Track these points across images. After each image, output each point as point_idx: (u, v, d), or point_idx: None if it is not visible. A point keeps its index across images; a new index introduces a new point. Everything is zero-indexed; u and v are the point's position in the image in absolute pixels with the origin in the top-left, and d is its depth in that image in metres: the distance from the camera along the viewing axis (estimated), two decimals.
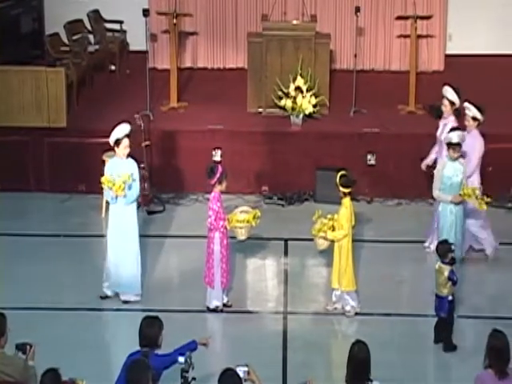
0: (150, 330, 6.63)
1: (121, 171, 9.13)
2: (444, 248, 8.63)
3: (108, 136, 9.39)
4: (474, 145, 9.96)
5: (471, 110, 9.99)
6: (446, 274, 8.54)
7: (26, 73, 11.89)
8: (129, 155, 9.32)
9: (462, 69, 14.29)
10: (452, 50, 14.73)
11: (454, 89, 10.24)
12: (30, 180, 12.00)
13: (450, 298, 8.61)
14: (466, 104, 10.08)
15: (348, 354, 6.38)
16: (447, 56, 14.58)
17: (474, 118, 10.03)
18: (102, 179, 9.07)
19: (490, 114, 12.31)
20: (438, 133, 10.34)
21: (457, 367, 8.48)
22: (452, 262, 8.57)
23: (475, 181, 9.88)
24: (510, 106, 12.74)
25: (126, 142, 9.21)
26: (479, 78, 14.01)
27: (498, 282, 9.96)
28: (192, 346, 6.83)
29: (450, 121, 10.24)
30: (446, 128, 10.13)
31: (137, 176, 9.26)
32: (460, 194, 9.30)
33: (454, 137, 9.33)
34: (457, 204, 9.34)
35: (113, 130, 9.26)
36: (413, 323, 9.21)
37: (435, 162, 10.24)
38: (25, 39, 13.95)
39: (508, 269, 10.15)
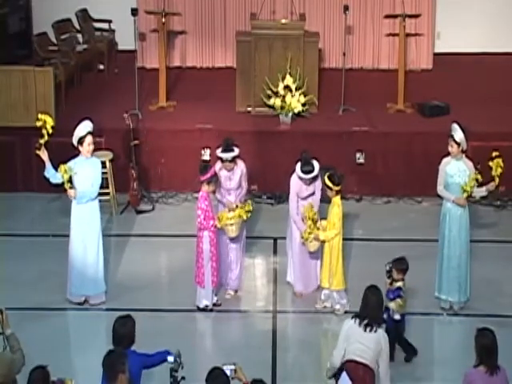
0: (125, 329, 6.61)
1: (84, 171, 9.10)
2: (406, 264, 8.38)
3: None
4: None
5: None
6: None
7: (14, 72, 11.86)
8: (94, 152, 9.30)
9: (450, 67, 14.35)
10: (440, 48, 14.79)
11: (228, 144, 9.51)
12: (18, 180, 11.98)
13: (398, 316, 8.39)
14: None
15: (363, 297, 7.00)
16: (436, 54, 14.62)
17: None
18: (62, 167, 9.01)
19: (479, 112, 12.41)
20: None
21: (447, 366, 8.48)
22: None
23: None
24: (498, 105, 12.78)
25: (89, 139, 9.14)
26: (468, 77, 14.07)
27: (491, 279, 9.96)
28: (164, 356, 6.68)
29: (238, 167, 9.57)
30: (233, 177, 9.52)
31: (99, 175, 9.22)
32: None
33: (457, 132, 8.97)
34: (460, 205, 9.07)
35: (75, 129, 9.22)
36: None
37: None
38: (12, 39, 13.91)
39: (494, 266, 10.19)
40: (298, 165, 9.29)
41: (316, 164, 9.30)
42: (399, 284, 8.40)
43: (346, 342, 6.85)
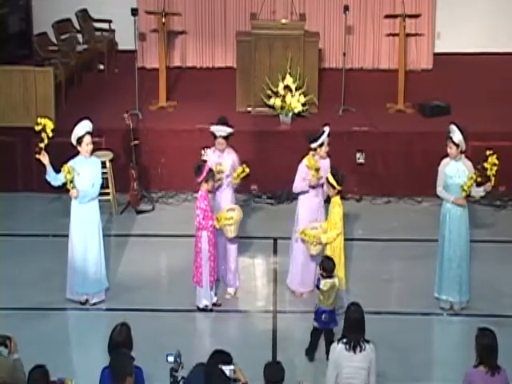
0: (120, 337, 6.58)
1: (85, 170, 9.09)
2: (333, 264, 8.37)
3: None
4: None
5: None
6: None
7: (14, 73, 11.85)
8: (93, 152, 9.28)
9: (450, 67, 14.35)
10: (440, 48, 14.79)
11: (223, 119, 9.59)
12: (18, 180, 11.98)
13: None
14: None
15: (344, 314, 6.97)
16: (436, 54, 14.63)
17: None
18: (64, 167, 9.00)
19: (479, 112, 12.41)
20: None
21: (447, 366, 8.48)
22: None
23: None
24: (498, 105, 12.79)
25: (87, 138, 9.13)
26: (468, 77, 14.07)
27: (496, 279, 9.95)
28: None
29: (229, 155, 9.58)
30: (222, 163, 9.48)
31: (99, 175, 9.22)
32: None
33: (455, 133, 8.95)
34: (460, 206, 9.05)
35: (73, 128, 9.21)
36: (402, 321, 9.22)
37: None
38: (12, 39, 13.93)
39: (496, 266, 10.19)
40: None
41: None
42: (326, 281, 8.35)
43: (338, 368, 6.79)
